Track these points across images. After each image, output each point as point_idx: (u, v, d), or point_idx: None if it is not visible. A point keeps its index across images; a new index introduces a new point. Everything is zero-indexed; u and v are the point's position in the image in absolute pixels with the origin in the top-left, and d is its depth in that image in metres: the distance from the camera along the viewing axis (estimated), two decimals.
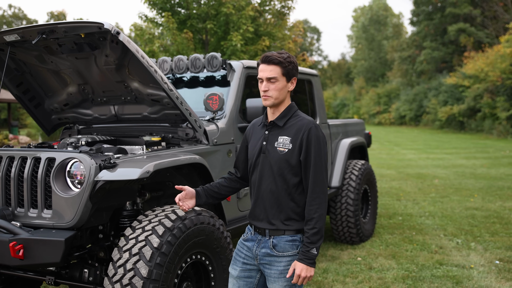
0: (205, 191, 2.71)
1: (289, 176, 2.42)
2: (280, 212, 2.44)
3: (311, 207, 2.37)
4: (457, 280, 4.67)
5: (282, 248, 2.43)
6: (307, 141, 2.39)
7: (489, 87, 26.53)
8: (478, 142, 22.11)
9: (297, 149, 2.40)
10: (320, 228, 2.35)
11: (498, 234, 6.32)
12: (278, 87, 2.41)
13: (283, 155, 2.42)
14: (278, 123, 2.47)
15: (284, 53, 2.44)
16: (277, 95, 2.43)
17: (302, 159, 2.40)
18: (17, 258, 2.87)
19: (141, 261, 2.79)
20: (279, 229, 2.43)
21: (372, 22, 55.57)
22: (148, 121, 3.96)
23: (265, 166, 2.47)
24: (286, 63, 2.40)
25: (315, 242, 2.34)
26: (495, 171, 12.29)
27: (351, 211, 5.74)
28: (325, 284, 4.60)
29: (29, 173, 3.12)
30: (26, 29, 3.29)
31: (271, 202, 2.45)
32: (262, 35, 10.94)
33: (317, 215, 2.35)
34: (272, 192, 2.45)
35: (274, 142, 2.46)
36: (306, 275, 2.33)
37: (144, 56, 3.24)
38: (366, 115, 46.15)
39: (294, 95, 5.22)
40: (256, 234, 2.52)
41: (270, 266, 2.46)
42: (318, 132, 2.41)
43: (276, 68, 2.40)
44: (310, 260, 2.34)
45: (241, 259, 2.56)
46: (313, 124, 2.43)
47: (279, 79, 2.41)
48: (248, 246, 2.54)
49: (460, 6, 34.57)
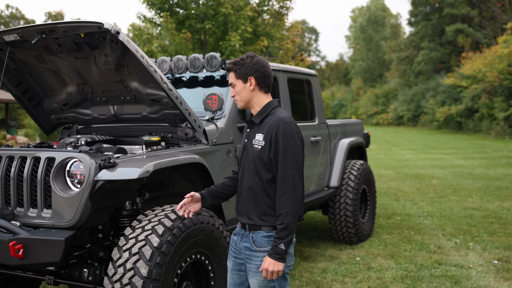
0: (210, 193, 2.77)
1: (262, 172, 2.51)
2: (257, 207, 2.54)
3: (279, 203, 2.43)
4: (456, 279, 4.68)
5: (260, 244, 2.52)
6: (276, 138, 2.46)
7: (487, 88, 26.60)
8: (476, 142, 22.17)
9: (268, 146, 2.49)
10: (288, 224, 2.39)
11: (497, 234, 6.34)
12: (237, 90, 2.58)
13: (257, 152, 2.52)
14: (255, 120, 2.59)
15: (243, 56, 2.58)
16: (240, 98, 2.59)
17: (271, 156, 2.48)
18: (17, 257, 2.87)
19: (141, 260, 2.79)
20: (256, 224, 2.53)
21: (370, 22, 55.64)
22: (147, 121, 3.96)
23: (245, 163, 2.60)
24: (236, 66, 2.55)
25: (283, 237, 2.39)
26: (493, 171, 12.32)
27: (349, 211, 5.75)
28: (324, 284, 4.61)
29: (29, 172, 3.12)
30: (26, 29, 3.29)
31: (249, 198, 2.56)
32: (260, 36, 10.94)
33: (285, 211, 2.40)
34: (249, 188, 2.56)
35: (252, 139, 2.57)
36: (273, 270, 2.39)
37: (143, 56, 3.24)
38: (364, 116, 46.20)
39: (293, 95, 5.23)
40: (241, 229, 2.65)
41: (249, 260, 2.56)
42: (287, 129, 2.45)
43: (230, 74, 2.59)
44: (278, 255, 2.39)
45: (232, 253, 2.69)
46: (283, 121, 2.47)
47: (235, 83, 2.58)
48: (234, 240, 2.67)
49: (458, 7, 34.65)
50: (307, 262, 5.29)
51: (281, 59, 11.45)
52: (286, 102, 4.97)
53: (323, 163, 5.67)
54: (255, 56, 2.59)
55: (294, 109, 5.15)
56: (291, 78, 5.21)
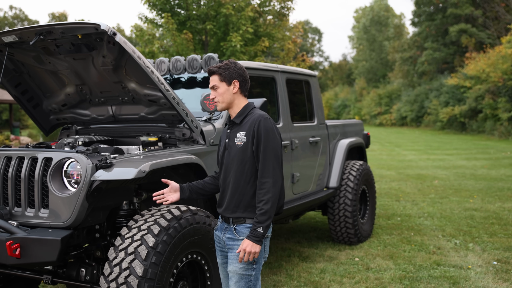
0: (189, 186, 2.93)
1: (246, 166, 2.70)
2: (241, 200, 2.71)
3: (260, 190, 2.63)
4: (454, 280, 4.67)
5: (243, 233, 2.70)
6: (258, 132, 2.67)
7: (491, 88, 26.49)
8: (479, 143, 22.10)
9: (250, 140, 2.69)
10: (267, 209, 2.60)
11: (497, 235, 6.33)
12: (220, 92, 2.76)
13: (240, 148, 2.71)
14: (236, 121, 2.78)
15: (225, 61, 2.80)
16: (223, 99, 2.76)
17: (254, 149, 2.69)
18: (14, 257, 2.90)
19: (137, 260, 2.81)
20: (240, 217, 2.72)
21: (373, 23, 55.55)
22: (145, 121, 3.99)
23: (228, 161, 2.77)
24: (222, 70, 2.74)
25: (262, 222, 2.60)
26: (495, 172, 12.28)
27: (349, 211, 5.75)
28: (322, 284, 4.62)
29: (26, 172, 3.15)
30: (24, 30, 3.32)
31: (233, 192, 2.73)
32: (261, 36, 10.96)
33: (266, 198, 2.61)
34: (233, 183, 2.72)
35: (234, 138, 2.76)
36: (250, 250, 2.59)
37: (140, 57, 3.26)
38: (367, 116, 46.12)
39: (292, 95, 5.24)
40: (223, 223, 2.81)
41: (231, 249, 2.73)
42: (267, 124, 2.69)
43: (214, 77, 2.76)
44: (256, 238, 2.60)
45: (218, 248, 2.86)
46: (263, 117, 2.70)
47: (219, 85, 2.75)
48: (217, 235, 2.85)
49: (462, 7, 34.53)
50: (305, 262, 5.30)
51: (282, 59, 11.46)
52: (285, 102, 4.98)
53: (322, 164, 5.68)
54: (237, 62, 2.82)
55: (293, 110, 5.15)
56: (290, 79, 5.22)
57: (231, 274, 2.71)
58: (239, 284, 2.68)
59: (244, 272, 2.67)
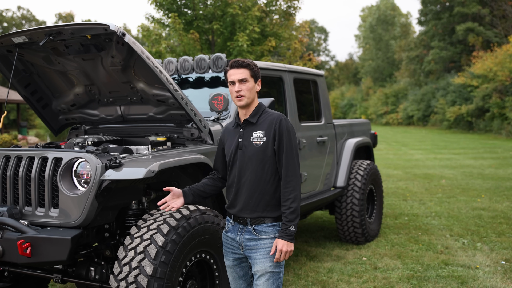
0: (191, 190, 2.87)
1: (266, 166, 2.69)
2: (261, 200, 2.69)
3: (286, 189, 2.64)
4: (462, 280, 4.66)
5: (264, 232, 2.69)
6: (279, 131, 2.68)
7: (498, 87, 26.32)
8: (486, 142, 21.97)
9: (271, 140, 2.69)
10: (295, 207, 2.62)
11: (505, 234, 6.30)
12: (249, 87, 2.72)
13: (259, 147, 2.69)
14: (251, 120, 2.76)
15: (248, 60, 2.79)
16: (249, 95, 2.73)
17: (276, 148, 2.68)
18: (25, 256, 2.92)
19: (146, 259, 2.83)
20: (260, 217, 2.69)
21: (380, 22, 55.34)
22: (153, 121, 4.01)
23: (243, 160, 2.73)
24: (253, 65, 2.74)
25: (293, 220, 2.61)
26: (503, 172, 12.21)
27: (356, 211, 5.74)
28: (330, 284, 4.62)
29: (37, 172, 3.17)
30: (34, 31, 3.35)
31: (251, 192, 2.70)
32: (268, 36, 10.96)
33: (292, 196, 2.62)
34: (252, 182, 2.70)
35: (249, 138, 2.73)
36: (287, 250, 2.59)
37: (149, 57, 3.28)
38: (373, 115, 45.97)
39: (300, 95, 5.24)
40: (237, 224, 2.77)
41: (255, 249, 2.69)
42: (288, 124, 2.72)
43: (245, 70, 2.72)
44: (289, 237, 2.60)
45: (230, 250, 2.81)
46: (283, 117, 2.72)
47: (249, 80, 2.72)
48: (231, 237, 2.79)
49: (469, 6, 34.32)
50: (313, 262, 5.30)
51: (289, 59, 11.46)
52: (292, 102, 4.98)
53: (330, 163, 5.68)
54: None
55: (300, 109, 5.16)
56: (297, 78, 5.22)
57: (259, 273, 2.67)
58: (270, 282, 2.66)
59: (274, 269, 2.66)
